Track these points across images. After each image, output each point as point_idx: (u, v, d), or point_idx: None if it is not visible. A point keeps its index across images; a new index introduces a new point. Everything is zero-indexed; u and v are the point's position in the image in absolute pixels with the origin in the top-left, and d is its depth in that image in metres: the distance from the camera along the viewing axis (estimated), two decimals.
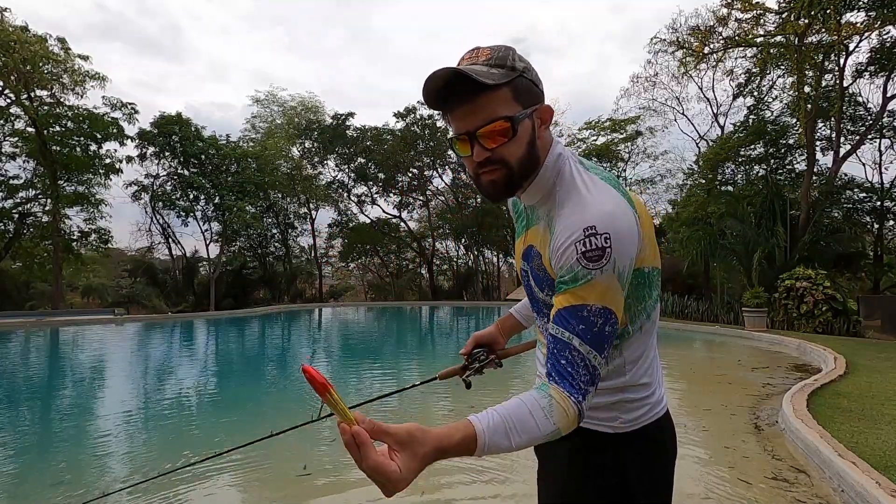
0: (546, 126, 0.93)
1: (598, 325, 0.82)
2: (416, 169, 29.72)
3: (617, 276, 0.83)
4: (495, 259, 33.59)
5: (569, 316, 0.84)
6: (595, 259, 0.82)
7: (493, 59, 0.87)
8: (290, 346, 12.05)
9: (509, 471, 3.45)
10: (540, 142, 0.92)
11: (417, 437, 0.70)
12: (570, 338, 0.83)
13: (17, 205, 21.46)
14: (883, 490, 2.61)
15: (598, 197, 0.88)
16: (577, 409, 0.80)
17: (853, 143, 17.38)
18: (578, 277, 0.83)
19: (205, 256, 26.04)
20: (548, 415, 0.78)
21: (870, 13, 13.64)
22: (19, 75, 17.61)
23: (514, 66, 0.87)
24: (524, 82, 0.88)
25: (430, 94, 0.87)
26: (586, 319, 0.83)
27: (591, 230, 0.83)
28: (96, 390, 6.90)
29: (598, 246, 0.82)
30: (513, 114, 0.87)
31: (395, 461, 0.68)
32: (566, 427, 0.80)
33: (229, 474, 3.50)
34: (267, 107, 30.54)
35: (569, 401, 0.80)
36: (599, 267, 0.82)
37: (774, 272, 13.75)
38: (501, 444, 0.76)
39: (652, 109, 23.84)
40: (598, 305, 0.83)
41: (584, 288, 0.83)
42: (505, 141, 0.88)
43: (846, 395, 5.02)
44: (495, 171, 0.90)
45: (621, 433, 0.96)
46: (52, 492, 3.23)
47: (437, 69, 0.83)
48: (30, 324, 15.08)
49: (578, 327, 0.82)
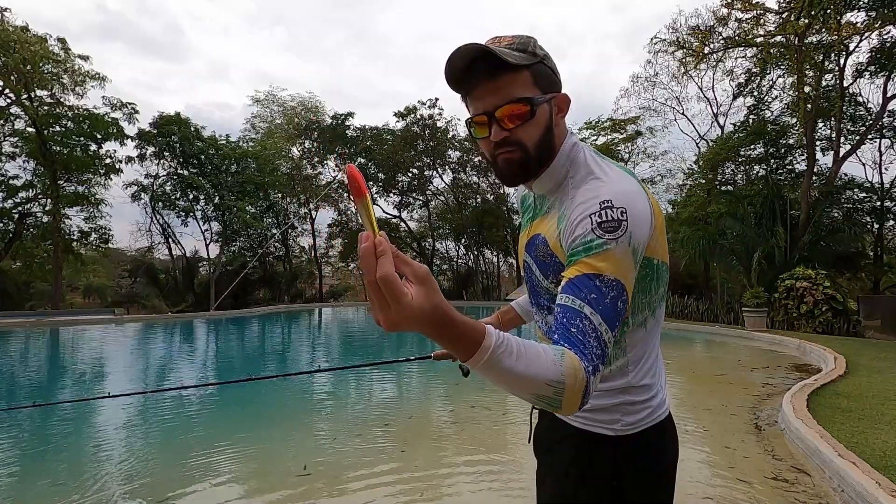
0: (563, 114, 0.95)
1: (611, 298, 0.78)
2: (416, 169, 29.71)
3: (632, 251, 0.81)
4: (495, 259, 33.63)
5: (580, 285, 0.79)
6: (611, 230, 0.80)
7: (515, 44, 0.88)
8: (290, 346, 12.05)
9: (512, 471, 3.45)
10: (557, 129, 0.94)
11: (433, 283, 0.63)
12: (581, 306, 0.78)
13: (18, 205, 21.48)
14: (883, 490, 2.61)
15: (613, 178, 0.88)
16: (586, 380, 0.72)
17: (853, 143, 17.37)
18: (593, 247, 0.81)
19: (205, 256, 26.05)
20: (557, 362, 0.71)
21: (870, 13, 13.64)
22: (19, 75, 17.62)
23: (535, 52, 0.89)
24: (544, 69, 0.90)
25: (454, 71, 0.87)
26: (599, 289, 0.78)
27: (608, 203, 0.82)
28: (96, 390, 6.89)
29: (614, 218, 0.81)
30: (532, 96, 0.88)
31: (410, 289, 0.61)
32: (571, 389, 0.70)
33: (229, 474, 3.50)
34: (267, 107, 30.61)
35: (580, 364, 0.72)
36: (616, 237, 0.80)
37: (774, 272, 13.75)
38: (504, 361, 0.67)
39: (652, 109, 23.85)
40: (612, 276, 0.79)
41: (598, 257, 0.80)
42: (522, 122, 0.89)
43: (846, 395, 5.02)
44: (512, 152, 0.91)
45: (622, 436, 0.94)
46: (52, 492, 3.22)
47: (460, 46, 0.83)
48: (30, 324, 15.08)
49: (590, 296, 0.78)
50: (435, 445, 4.10)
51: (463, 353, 0.67)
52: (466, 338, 0.65)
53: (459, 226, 30.44)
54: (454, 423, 4.85)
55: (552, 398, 0.71)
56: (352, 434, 4.39)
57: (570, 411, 0.74)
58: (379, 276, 0.58)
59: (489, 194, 30.47)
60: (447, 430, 4.63)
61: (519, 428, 4.66)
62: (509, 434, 4.46)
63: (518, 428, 4.66)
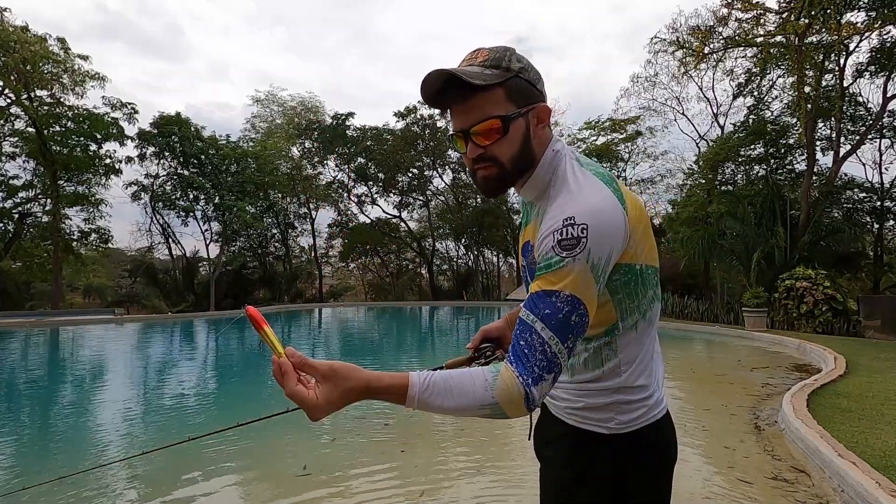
0: (543, 125, 0.96)
1: (564, 313, 0.83)
2: (416, 169, 29.71)
3: (590, 267, 0.84)
4: (495, 259, 33.63)
5: (537, 300, 0.85)
6: (569, 247, 0.84)
7: (489, 60, 0.90)
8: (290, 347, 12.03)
9: (512, 471, 3.45)
10: (536, 140, 0.95)
11: (342, 373, 0.79)
12: (533, 321, 0.83)
13: (18, 205, 21.48)
14: (883, 490, 2.61)
15: (583, 191, 0.89)
16: (524, 392, 0.79)
17: (853, 143, 17.37)
18: (552, 264, 0.85)
19: (205, 256, 26.06)
20: (489, 386, 0.80)
21: (870, 13, 13.65)
22: (19, 75, 17.62)
23: (508, 67, 0.91)
24: (519, 83, 0.92)
25: (426, 95, 0.92)
26: (553, 305, 0.83)
27: (570, 220, 0.85)
28: (96, 390, 6.89)
29: (573, 235, 0.84)
30: (505, 113, 0.90)
31: (314, 391, 0.77)
32: (508, 404, 0.80)
33: (229, 474, 3.50)
34: (267, 107, 30.59)
35: (516, 380, 0.80)
36: (573, 255, 0.83)
37: (774, 272, 13.75)
38: (433, 402, 0.80)
39: (652, 109, 23.85)
40: (567, 293, 0.83)
41: (556, 273, 0.84)
42: (497, 139, 0.91)
43: (846, 395, 5.02)
44: (488, 167, 0.94)
45: (617, 434, 0.96)
46: (52, 491, 3.22)
47: (431, 71, 0.87)
48: (30, 324, 15.08)
49: (544, 311, 0.83)
50: (435, 445, 4.10)
51: (398, 403, 0.81)
52: (392, 393, 0.80)
53: (459, 226, 30.43)
54: (454, 423, 4.85)
55: (493, 414, 0.81)
56: (352, 434, 4.39)
57: (518, 416, 0.83)
58: (286, 394, 0.77)
59: None
60: (447, 430, 4.63)
61: (518, 428, 4.66)
62: (509, 434, 4.46)
63: (517, 428, 4.66)
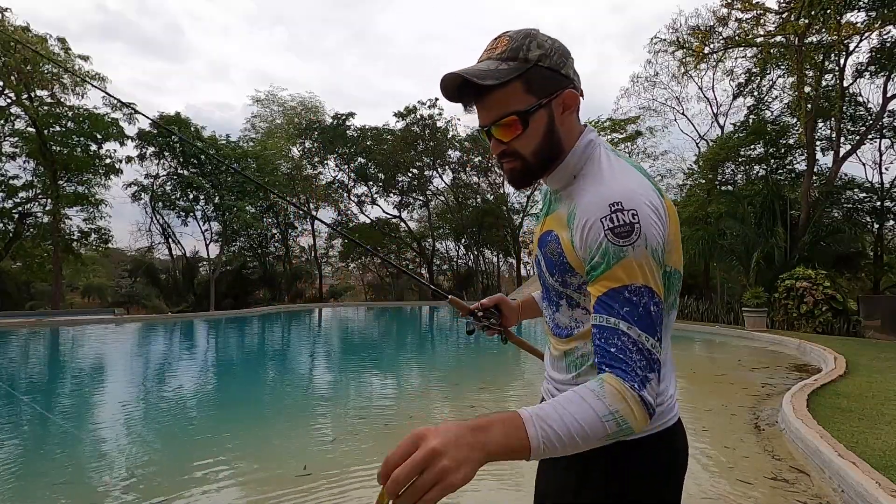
0: (571, 111, 0.92)
1: (644, 305, 0.77)
2: (416, 169, 29.70)
3: (651, 254, 0.79)
4: (495, 259, 33.63)
5: (609, 301, 0.79)
6: (625, 235, 0.79)
7: (507, 51, 0.87)
8: (291, 346, 12.04)
9: (511, 471, 3.44)
10: (563, 128, 0.91)
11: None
12: (615, 323, 0.77)
13: (18, 205, 21.47)
14: (883, 490, 2.61)
15: (622, 176, 0.86)
16: (638, 396, 0.73)
17: (853, 143, 17.37)
18: (610, 257, 0.79)
19: (205, 256, 26.05)
20: (600, 396, 0.72)
21: (870, 13, 13.65)
22: (20, 75, 17.62)
23: (526, 58, 0.87)
24: (539, 72, 0.87)
25: (448, 97, 0.90)
26: (629, 301, 0.77)
27: (617, 206, 0.80)
28: (96, 390, 6.89)
29: (626, 221, 0.79)
30: (524, 107, 0.87)
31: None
32: (627, 413, 0.72)
33: (229, 474, 3.50)
34: (267, 107, 30.58)
35: (624, 385, 0.74)
36: (631, 243, 0.78)
37: (774, 272, 13.74)
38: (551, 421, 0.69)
39: (652, 109, 23.85)
40: (638, 284, 0.78)
41: (620, 267, 0.79)
42: (517, 135, 0.89)
43: (846, 395, 5.02)
44: (512, 161, 0.92)
45: (623, 440, 0.92)
46: (52, 491, 3.23)
47: (445, 74, 0.86)
48: (30, 324, 15.08)
49: (623, 310, 0.77)
50: None
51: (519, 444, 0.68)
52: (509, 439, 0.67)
53: (459, 226, 30.42)
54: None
55: (619, 429, 0.72)
56: (352, 434, 4.39)
57: (644, 425, 0.76)
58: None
59: (489, 194, 30.47)
60: None
61: None
62: None
63: None
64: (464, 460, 0.63)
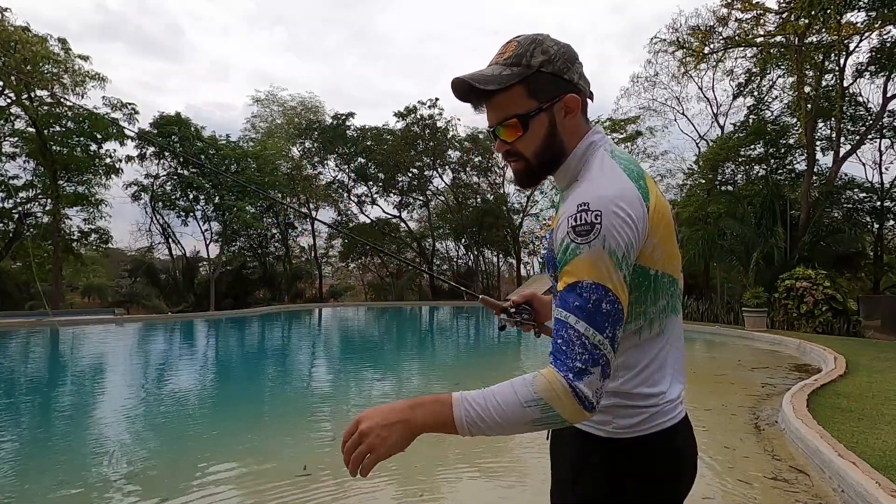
0: (573, 115, 0.95)
1: (593, 302, 0.80)
2: (416, 169, 29.70)
3: (608, 254, 0.81)
4: (495, 259, 33.61)
5: (565, 295, 0.83)
6: (583, 233, 0.82)
7: (512, 57, 0.93)
8: (291, 346, 12.04)
9: (512, 472, 3.45)
10: (565, 131, 0.95)
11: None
12: (566, 316, 0.82)
13: (18, 205, 21.45)
14: (883, 490, 2.61)
15: (604, 180, 0.88)
16: (569, 386, 0.77)
17: (853, 143, 17.37)
18: (568, 253, 0.84)
19: (205, 256, 26.05)
20: (529, 384, 0.79)
21: (870, 13, 13.65)
22: (20, 75, 17.61)
23: (529, 64, 0.91)
24: (541, 77, 0.92)
25: (458, 97, 0.96)
26: (580, 296, 0.81)
27: (584, 206, 0.84)
28: (96, 390, 6.89)
29: (586, 221, 0.83)
30: (524, 111, 0.92)
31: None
32: (554, 401, 0.78)
33: (229, 474, 3.50)
34: (267, 107, 30.57)
35: (556, 375, 0.79)
36: (587, 241, 0.82)
37: (774, 272, 13.74)
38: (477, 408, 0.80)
39: (652, 109, 23.83)
40: (589, 281, 0.81)
41: (575, 263, 0.83)
42: (519, 136, 0.94)
43: (846, 395, 5.02)
44: (516, 161, 0.98)
45: (615, 438, 0.93)
46: (52, 491, 3.23)
47: (453, 79, 0.92)
48: (30, 324, 15.08)
49: (573, 304, 0.81)
50: (435, 445, 4.10)
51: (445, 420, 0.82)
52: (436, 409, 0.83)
53: (459, 226, 30.41)
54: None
55: (544, 415, 0.79)
56: None
57: (578, 417, 0.80)
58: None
59: (489, 194, 30.45)
60: None
61: None
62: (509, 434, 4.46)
63: None
64: (389, 434, 0.81)
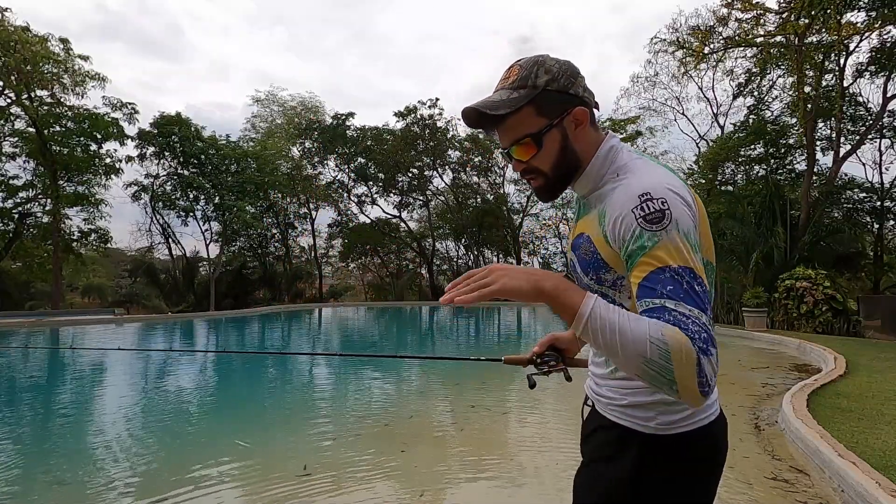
0: (583, 126, 0.97)
1: (687, 283, 0.78)
2: (416, 169, 29.71)
3: (685, 237, 0.81)
4: (495, 259, 33.59)
5: (651, 284, 0.80)
6: (656, 220, 0.82)
7: (517, 80, 0.95)
8: (291, 346, 12.04)
9: (512, 472, 3.44)
10: (578, 142, 0.97)
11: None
12: (662, 303, 0.78)
13: (18, 205, 21.46)
14: (883, 490, 2.61)
15: (650, 171, 0.91)
16: (696, 356, 0.73)
17: (853, 143, 17.38)
18: (646, 243, 0.82)
19: (205, 256, 26.06)
20: (659, 326, 0.75)
21: (870, 13, 13.65)
22: (20, 75, 17.62)
23: (535, 84, 0.94)
24: (548, 96, 0.94)
25: (469, 124, 0.99)
26: (671, 280, 0.79)
27: (646, 196, 0.84)
28: (96, 390, 6.89)
29: (657, 209, 0.82)
30: (536, 129, 0.94)
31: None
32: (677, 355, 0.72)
33: (229, 474, 3.50)
34: (267, 107, 30.61)
35: (683, 336, 0.73)
36: (663, 227, 0.81)
37: (774, 272, 13.74)
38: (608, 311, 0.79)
39: (652, 109, 23.89)
40: (675, 265, 0.79)
41: (656, 251, 0.81)
42: (534, 154, 0.96)
43: (846, 395, 5.02)
44: (534, 179, 1.00)
45: (655, 434, 0.93)
46: (51, 491, 3.23)
47: (463, 108, 0.95)
48: (30, 324, 15.08)
49: (666, 289, 0.78)
50: (435, 445, 4.10)
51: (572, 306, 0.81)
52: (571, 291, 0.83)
53: (459, 226, 30.43)
54: (454, 423, 4.85)
55: (660, 361, 0.73)
56: (352, 434, 4.39)
57: (691, 393, 0.74)
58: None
59: (489, 194, 30.47)
60: (447, 429, 4.64)
61: (519, 428, 4.66)
62: (509, 434, 4.47)
63: (518, 429, 4.66)
64: (519, 280, 0.84)
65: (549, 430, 4.45)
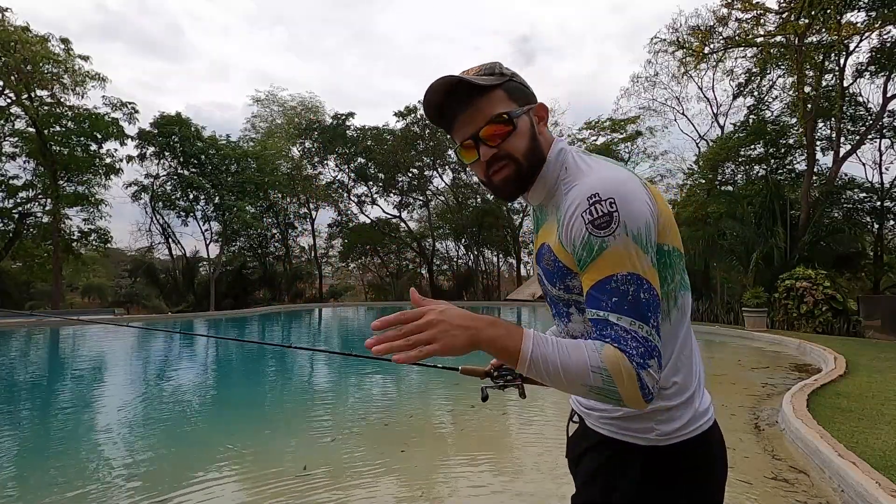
0: (544, 123, 0.98)
1: (631, 294, 0.78)
2: (416, 169, 29.71)
3: (633, 240, 0.80)
4: (495, 259, 33.63)
5: (597, 293, 0.80)
6: (604, 226, 0.80)
7: (482, 71, 0.93)
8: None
9: (511, 472, 3.44)
10: (541, 137, 0.96)
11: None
12: (606, 315, 0.79)
13: (18, 205, 21.46)
14: (883, 490, 2.61)
15: (600, 170, 0.89)
16: (636, 372, 0.75)
17: (853, 143, 17.37)
18: (593, 249, 0.81)
19: (205, 256, 26.06)
20: (597, 350, 0.77)
21: (870, 13, 13.64)
22: (20, 75, 17.62)
23: (502, 73, 0.94)
24: (515, 84, 0.94)
25: (434, 104, 0.94)
26: (616, 291, 0.79)
27: (595, 197, 0.82)
28: (95, 390, 6.89)
29: (604, 212, 0.80)
30: (510, 110, 0.92)
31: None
32: (617, 377, 0.75)
33: (229, 474, 3.50)
34: (267, 107, 30.60)
35: (620, 355, 0.76)
36: (611, 233, 0.80)
37: (774, 272, 13.73)
38: (547, 349, 0.78)
39: (652, 109, 23.89)
40: (623, 273, 0.79)
41: (603, 258, 0.80)
42: (507, 135, 0.91)
43: (846, 395, 5.02)
44: (504, 167, 0.93)
45: (656, 447, 0.88)
46: (51, 491, 3.22)
47: (434, 81, 0.89)
48: (30, 324, 15.07)
49: (611, 301, 0.79)
50: (435, 445, 4.10)
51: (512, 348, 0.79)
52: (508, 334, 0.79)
53: (459, 226, 30.43)
54: (454, 423, 4.85)
55: (604, 387, 0.76)
56: (352, 434, 4.39)
57: (637, 403, 0.77)
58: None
59: (489, 194, 30.43)
60: (447, 429, 4.64)
61: (519, 428, 4.66)
62: (509, 434, 4.47)
63: (518, 428, 4.66)
64: (458, 335, 0.76)
65: (550, 430, 4.45)
